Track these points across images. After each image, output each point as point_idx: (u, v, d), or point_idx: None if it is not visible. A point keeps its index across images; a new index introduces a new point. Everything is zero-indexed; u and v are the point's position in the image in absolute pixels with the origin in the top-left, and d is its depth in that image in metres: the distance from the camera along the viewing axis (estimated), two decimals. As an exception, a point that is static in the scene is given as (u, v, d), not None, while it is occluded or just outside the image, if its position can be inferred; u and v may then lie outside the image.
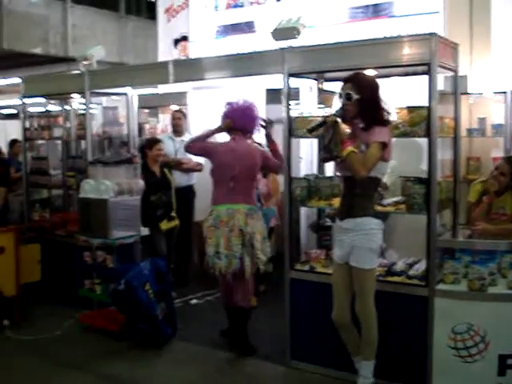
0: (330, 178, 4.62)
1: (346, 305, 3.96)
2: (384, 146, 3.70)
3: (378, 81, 3.91)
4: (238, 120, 4.93)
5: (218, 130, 5.02)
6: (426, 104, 3.91)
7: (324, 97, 5.06)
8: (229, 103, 5.00)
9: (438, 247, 4.00)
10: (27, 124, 6.88)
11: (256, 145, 5.28)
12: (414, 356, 4.04)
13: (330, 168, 4.95)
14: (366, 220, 3.79)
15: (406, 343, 4.07)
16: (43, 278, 6.02)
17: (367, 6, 6.17)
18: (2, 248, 5.60)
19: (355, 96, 3.74)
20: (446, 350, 3.91)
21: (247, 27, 7.03)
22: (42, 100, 7.29)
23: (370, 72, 4.11)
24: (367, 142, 3.72)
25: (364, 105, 3.75)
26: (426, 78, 3.91)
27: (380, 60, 4.09)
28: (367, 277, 3.85)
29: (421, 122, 4.02)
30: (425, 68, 3.93)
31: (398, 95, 4.58)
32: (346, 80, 3.85)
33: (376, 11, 6.14)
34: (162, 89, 7.71)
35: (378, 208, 4.11)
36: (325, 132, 3.77)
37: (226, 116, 4.96)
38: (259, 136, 5.22)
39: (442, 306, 3.94)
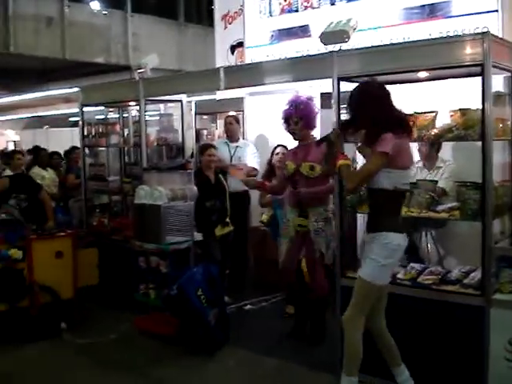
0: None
1: (375, 313, 3.85)
2: (385, 155, 3.52)
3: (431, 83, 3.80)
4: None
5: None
6: (480, 106, 3.78)
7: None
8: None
9: (495, 255, 3.84)
10: (86, 131, 7.05)
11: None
12: (470, 368, 3.88)
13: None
14: (383, 235, 3.63)
15: (460, 354, 3.92)
16: (101, 281, 6.15)
17: (423, 6, 6.00)
18: (60, 252, 5.76)
19: (350, 112, 3.74)
20: (502, 362, 3.74)
21: (302, 31, 6.97)
22: (99, 108, 7.46)
23: (382, 78, 4.04)
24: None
25: (360, 120, 3.69)
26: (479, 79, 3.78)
27: (431, 61, 3.96)
28: (361, 286, 3.71)
29: (474, 124, 3.88)
30: (478, 69, 3.80)
31: (453, 97, 4.45)
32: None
33: (432, 11, 5.96)
34: (219, 95, 7.76)
35: (431, 214, 3.99)
36: (327, 147, 3.86)
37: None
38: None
39: (499, 316, 3.77)
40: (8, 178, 6.65)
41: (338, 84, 4.42)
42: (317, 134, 5.43)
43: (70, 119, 22.25)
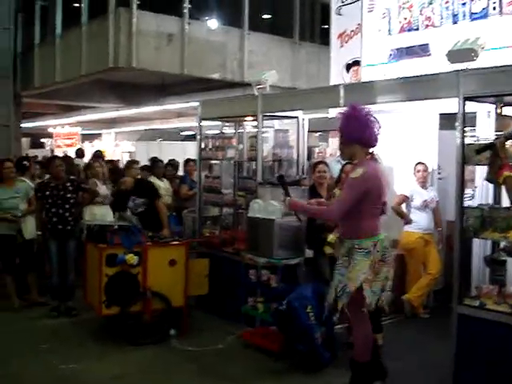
0: (508, 208, 4.31)
1: None
2: None
3: None
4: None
5: None
6: None
7: (503, 122, 4.76)
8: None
9: None
10: (203, 145, 7.24)
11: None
12: None
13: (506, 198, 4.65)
14: None
15: None
16: (210, 292, 6.26)
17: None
18: (173, 260, 5.91)
19: None
20: None
21: (422, 50, 6.84)
22: (217, 122, 7.64)
23: None
24: None
25: None
26: None
27: None
28: None
29: None
30: None
31: None
32: None
33: None
34: (332, 113, 7.74)
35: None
36: (491, 154, 3.66)
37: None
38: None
39: None
40: (133, 180, 6.93)
41: (464, 104, 4.29)
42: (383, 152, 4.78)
43: (182, 133, 23.15)
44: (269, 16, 17.70)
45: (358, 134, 4.21)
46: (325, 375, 5.01)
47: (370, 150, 4.28)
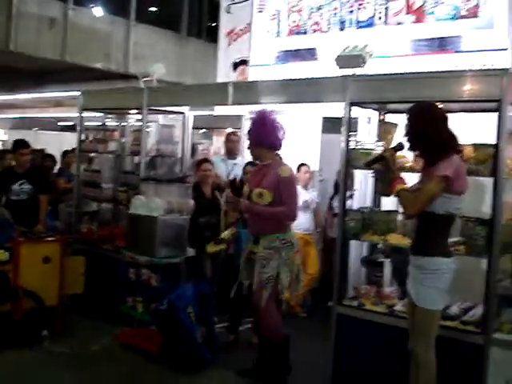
0: (387, 212, 4.46)
1: None
2: (446, 179, 3.48)
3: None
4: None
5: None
6: (493, 142, 3.76)
7: (384, 128, 4.92)
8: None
9: (497, 294, 3.80)
10: (83, 136, 6.94)
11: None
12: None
13: (385, 201, 4.81)
14: (433, 260, 3.57)
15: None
16: (86, 291, 5.99)
17: (433, 39, 6.03)
18: (47, 257, 5.61)
19: (412, 131, 3.61)
20: (499, 402, 3.69)
21: (309, 54, 6.97)
22: (99, 114, 7.37)
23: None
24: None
25: (419, 138, 3.59)
26: (493, 115, 3.76)
27: (447, 94, 3.97)
28: (429, 316, 3.63)
29: (486, 160, 3.85)
30: (493, 105, 3.79)
31: (463, 131, 4.42)
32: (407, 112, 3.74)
33: (442, 45, 5.99)
34: (217, 111, 7.70)
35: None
36: (381, 166, 3.72)
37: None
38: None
39: (498, 356, 3.72)
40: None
41: (350, 109, 4.38)
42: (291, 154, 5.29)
43: (59, 123, 22.19)
44: (156, 8, 17.38)
45: (264, 139, 4.60)
46: (205, 376, 4.94)
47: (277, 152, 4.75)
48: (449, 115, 4.12)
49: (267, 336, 4.68)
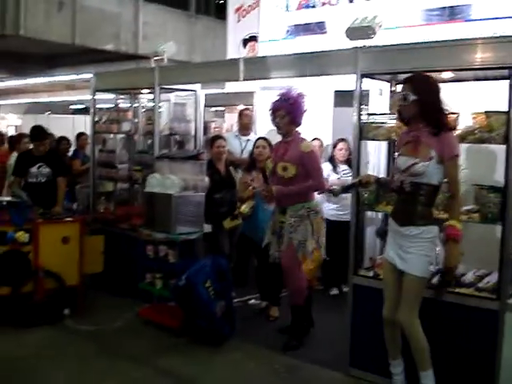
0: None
1: (396, 303, 3.83)
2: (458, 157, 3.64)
3: (453, 84, 3.79)
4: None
5: None
6: (505, 109, 3.75)
7: (396, 99, 4.91)
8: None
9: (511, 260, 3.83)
10: (96, 118, 6.99)
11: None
12: (481, 371, 3.87)
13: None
14: (429, 228, 3.68)
15: (473, 357, 3.90)
16: (106, 269, 6.10)
17: (443, 8, 5.99)
18: (67, 238, 5.71)
19: (412, 97, 3.62)
20: (514, 367, 3.73)
21: (318, 28, 6.95)
22: (111, 95, 7.40)
23: (433, 74, 3.93)
24: (438, 149, 3.59)
25: (424, 106, 3.62)
26: (506, 82, 3.76)
27: (459, 62, 3.93)
28: (418, 284, 3.72)
29: (499, 127, 3.85)
30: (505, 72, 3.78)
31: (476, 99, 4.42)
32: (404, 81, 3.77)
33: (452, 14, 5.95)
34: (228, 88, 7.71)
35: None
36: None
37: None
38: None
39: (512, 321, 3.76)
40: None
41: (361, 81, 4.38)
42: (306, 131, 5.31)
43: (71, 107, 22.23)
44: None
45: (300, 117, 5.01)
46: (225, 348, 5.04)
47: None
48: (461, 83, 4.20)
49: (295, 296, 5.02)
